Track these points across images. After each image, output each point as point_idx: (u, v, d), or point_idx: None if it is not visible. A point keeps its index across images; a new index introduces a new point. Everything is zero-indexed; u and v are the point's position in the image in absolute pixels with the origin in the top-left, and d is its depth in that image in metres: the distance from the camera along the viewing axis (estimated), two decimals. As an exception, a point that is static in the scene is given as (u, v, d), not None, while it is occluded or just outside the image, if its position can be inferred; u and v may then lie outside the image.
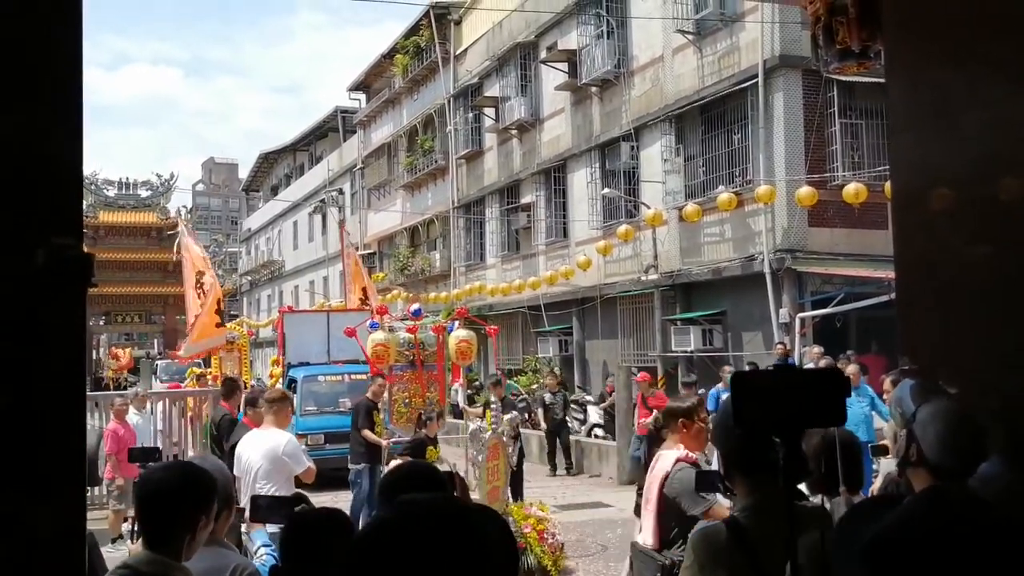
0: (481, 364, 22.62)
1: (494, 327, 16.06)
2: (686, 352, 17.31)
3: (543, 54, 23.02)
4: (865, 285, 14.35)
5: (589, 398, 19.35)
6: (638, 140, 19.48)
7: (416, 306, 12.56)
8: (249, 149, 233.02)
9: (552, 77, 22.51)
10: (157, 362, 34.87)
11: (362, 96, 38.14)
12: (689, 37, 17.82)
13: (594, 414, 18.14)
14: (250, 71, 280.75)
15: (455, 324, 11.92)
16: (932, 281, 2.87)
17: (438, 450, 8.78)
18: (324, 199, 38.89)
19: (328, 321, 17.02)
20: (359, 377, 14.10)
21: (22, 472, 1.36)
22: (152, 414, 12.93)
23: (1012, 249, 2.50)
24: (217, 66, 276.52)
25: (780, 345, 14.62)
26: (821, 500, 3.05)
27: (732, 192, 16.07)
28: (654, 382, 15.32)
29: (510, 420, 9.21)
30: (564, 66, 21.92)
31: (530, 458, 15.09)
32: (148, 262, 39.14)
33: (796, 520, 1.70)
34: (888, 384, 8.11)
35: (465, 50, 27.95)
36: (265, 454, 6.18)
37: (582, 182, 21.56)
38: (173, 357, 16.60)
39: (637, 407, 14.22)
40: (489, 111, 26.08)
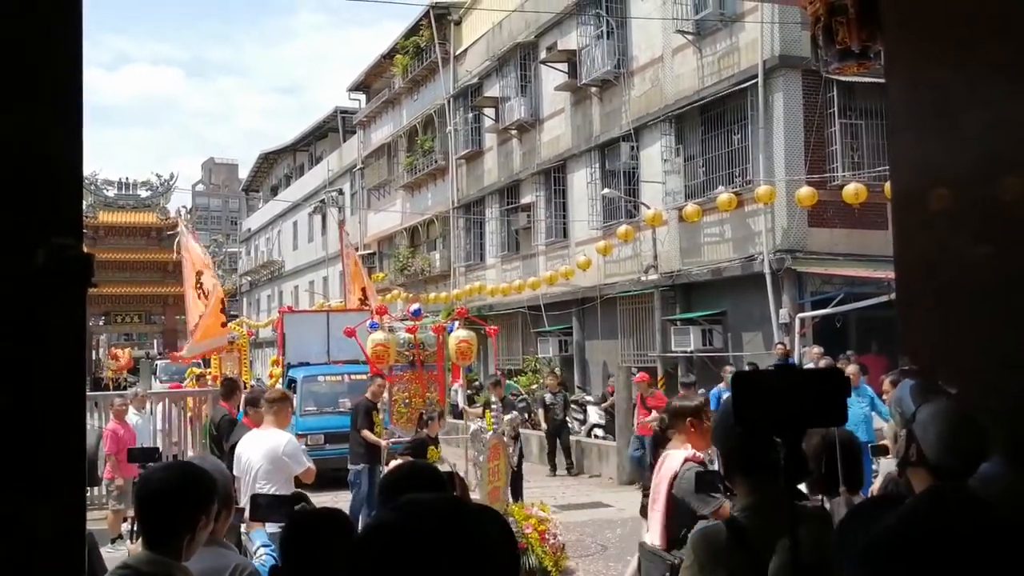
0: (481, 364, 22.61)
1: (494, 327, 16.07)
2: (686, 352, 17.31)
3: (543, 54, 23.02)
4: (865, 285, 14.36)
5: (589, 398, 19.34)
6: (638, 140, 19.48)
7: (416, 306, 12.57)
8: (249, 149, 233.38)
9: (552, 77, 22.51)
10: (157, 362, 34.87)
11: (362, 96, 38.15)
12: (689, 37, 17.82)
13: (594, 414, 18.14)
14: (250, 71, 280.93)
15: (455, 324, 11.92)
16: (932, 281, 2.87)
17: (439, 450, 8.78)
18: (324, 199, 38.89)
19: (328, 321, 17.02)
20: (359, 377, 14.10)
21: (22, 472, 1.36)
22: (152, 414, 12.94)
23: (1012, 249, 2.50)
24: (217, 66, 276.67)
25: (780, 345, 14.63)
26: (821, 500, 3.06)
27: (732, 192, 16.08)
28: (653, 382, 15.31)
29: (510, 420, 9.21)
30: (564, 66, 21.92)
31: (530, 458, 15.08)
32: (148, 262, 39.14)
33: (797, 520, 1.70)
34: (887, 384, 8.11)
35: (465, 50, 27.96)
36: (265, 454, 6.18)
37: (582, 182, 21.56)
38: (175, 359, 16.56)
39: (636, 407, 14.23)
40: (489, 111, 26.09)
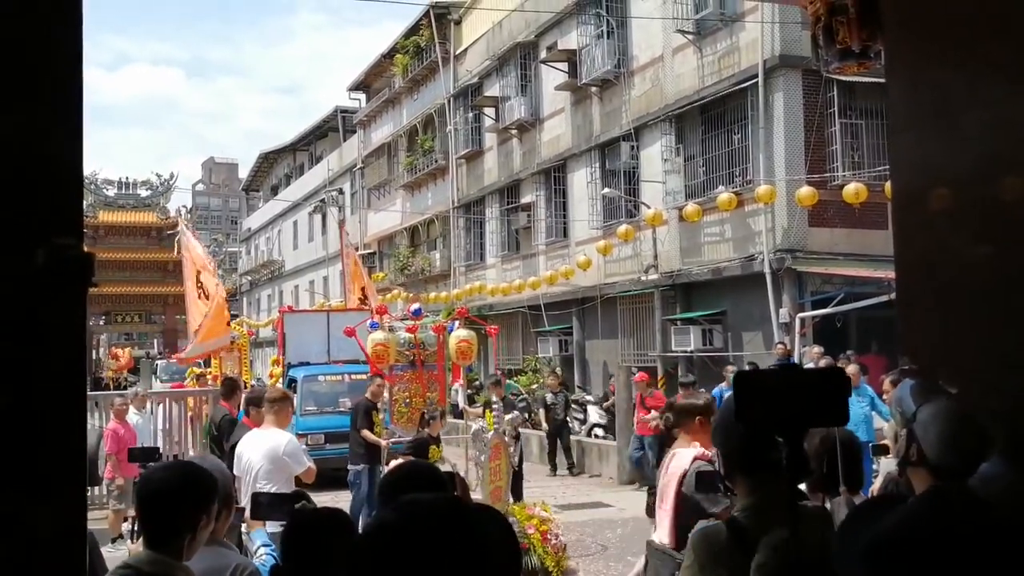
0: (481, 364, 22.63)
1: (494, 327, 16.07)
2: (686, 352, 17.31)
3: (543, 54, 23.02)
4: (865, 285, 14.35)
5: (589, 398, 19.34)
6: (638, 140, 19.48)
7: (416, 306, 12.57)
8: (249, 149, 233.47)
9: (552, 77, 22.50)
10: (157, 362, 34.89)
11: (362, 96, 38.15)
12: (689, 37, 17.81)
13: (594, 414, 18.14)
14: (250, 71, 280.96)
15: (455, 324, 11.92)
16: (932, 281, 2.87)
17: (441, 449, 8.78)
18: (324, 199, 38.89)
19: (328, 321, 17.03)
20: (359, 377, 14.11)
21: (23, 472, 1.36)
22: (152, 414, 12.94)
23: (1013, 249, 2.50)
24: (217, 66, 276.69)
25: (780, 345, 14.62)
26: (822, 500, 3.06)
27: (732, 192, 16.07)
28: (652, 382, 15.32)
29: (511, 420, 9.21)
30: (564, 66, 21.92)
31: (530, 458, 15.09)
32: (148, 262, 39.16)
33: (798, 520, 1.70)
34: (888, 384, 8.10)
35: (465, 50, 27.95)
36: (266, 454, 6.16)
37: (582, 182, 21.56)
38: (179, 361, 16.54)
39: (636, 407, 14.24)
40: (489, 111, 26.08)
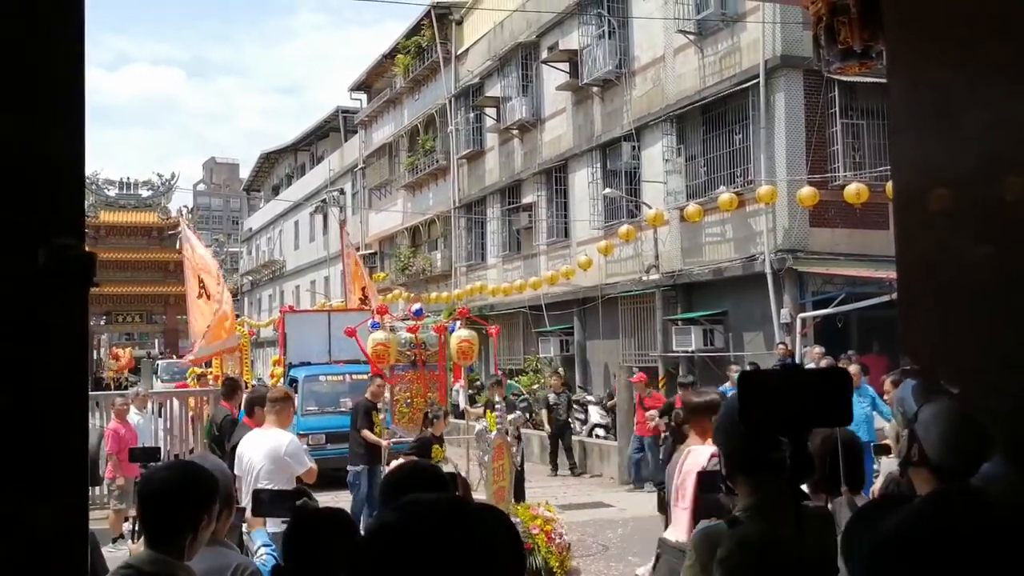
0: (482, 364, 22.60)
1: (495, 327, 16.06)
2: (687, 352, 17.30)
3: (544, 54, 23.02)
4: (866, 285, 14.35)
5: (590, 398, 19.33)
6: (639, 140, 19.47)
7: (418, 306, 12.55)
8: (250, 149, 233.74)
9: (553, 77, 22.50)
10: (158, 362, 34.90)
11: (363, 96, 38.17)
12: (690, 37, 17.81)
13: (595, 414, 18.13)
14: (251, 71, 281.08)
15: (456, 324, 11.91)
16: (933, 281, 2.86)
17: (444, 449, 8.77)
18: (325, 199, 38.91)
19: (329, 321, 17.02)
20: (360, 377, 14.10)
21: (25, 472, 1.36)
22: (153, 414, 12.94)
23: (1014, 249, 2.50)
24: (218, 66, 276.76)
25: (781, 345, 14.62)
26: (825, 501, 3.05)
27: (733, 192, 16.07)
28: (651, 382, 15.31)
29: (513, 420, 9.21)
30: (565, 66, 21.92)
31: (531, 458, 15.08)
32: (149, 262, 39.17)
33: (799, 520, 1.70)
34: (888, 384, 8.12)
35: (466, 50, 27.95)
36: (267, 454, 6.16)
37: (583, 182, 21.56)
38: (192, 362, 16.54)
39: (636, 408, 14.24)
40: (490, 111, 26.08)
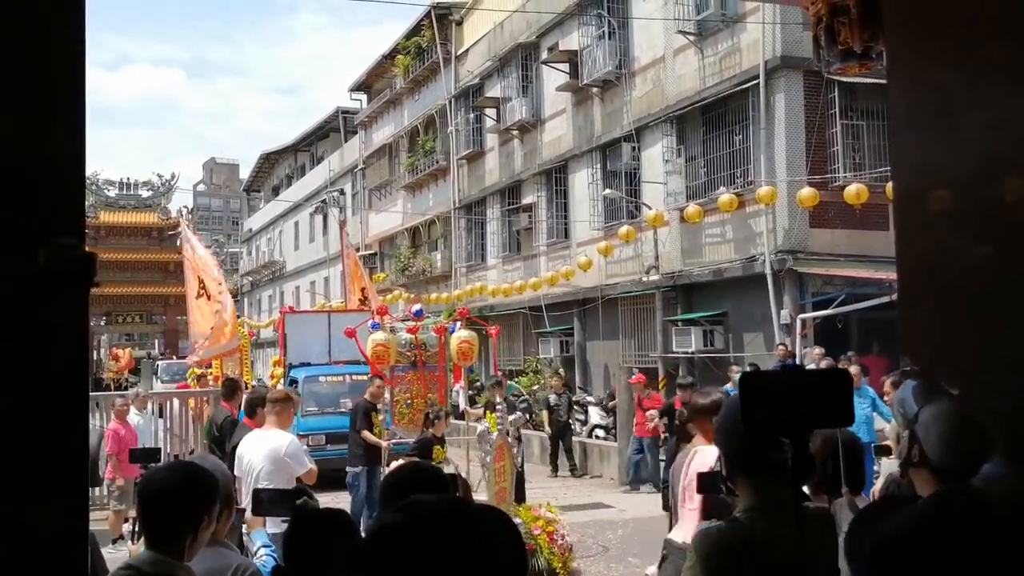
0: (482, 365, 22.61)
1: (495, 328, 16.05)
2: (687, 353, 17.30)
3: (544, 55, 23.03)
4: (866, 286, 14.36)
5: (590, 399, 19.34)
6: (639, 141, 19.48)
7: (418, 306, 12.54)
8: (250, 149, 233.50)
9: (553, 78, 22.51)
10: (158, 363, 34.90)
11: (363, 97, 38.18)
12: (690, 38, 17.82)
13: (595, 415, 18.13)
14: (251, 71, 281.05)
15: (457, 325, 11.90)
16: (934, 282, 2.86)
17: (445, 450, 8.77)
18: (325, 199, 38.91)
19: (329, 322, 17.02)
20: (360, 378, 14.09)
21: (25, 473, 1.36)
22: (153, 415, 12.93)
23: (1014, 250, 2.50)
24: (218, 66, 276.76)
25: (781, 346, 14.62)
26: (827, 502, 3.05)
27: (733, 193, 16.07)
28: (651, 383, 15.30)
29: (514, 421, 9.21)
30: (565, 67, 21.93)
31: (531, 459, 15.08)
32: (149, 262, 39.17)
33: (800, 521, 1.70)
34: (889, 385, 8.12)
35: (466, 51, 27.96)
36: (267, 455, 6.14)
37: (583, 183, 21.56)
38: (197, 364, 16.52)
39: (635, 409, 14.22)
40: (490, 112, 26.09)
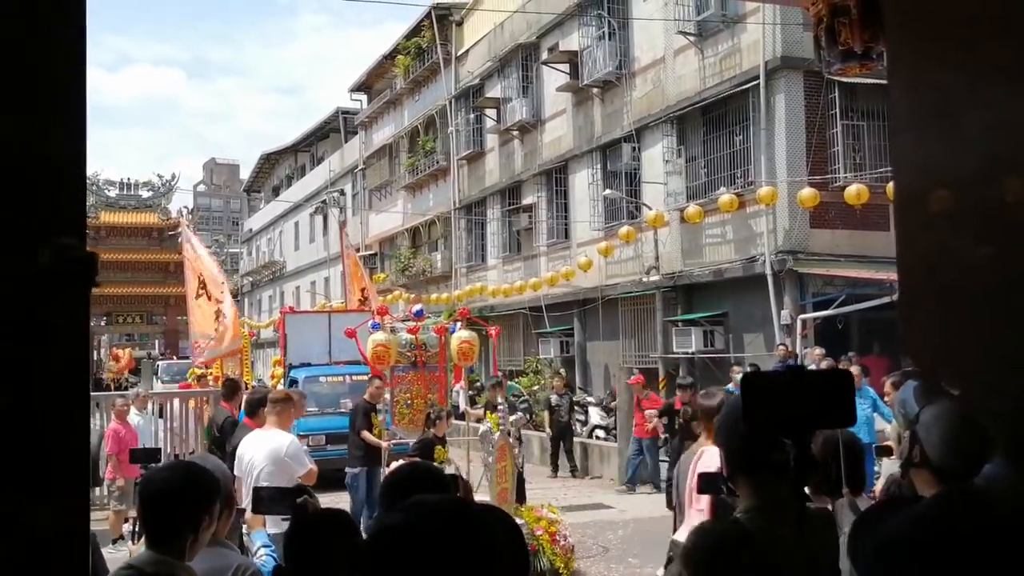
0: (482, 365, 22.62)
1: (495, 328, 16.05)
2: (687, 353, 17.30)
3: (544, 55, 23.03)
4: (867, 287, 14.35)
5: (590, 399, 19.33)
6: (639, 141, 19.48)
7: (418, 307, 12.53)
8: (250, 150, 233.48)
9: (553, 78, 22.51)
10: (158, 363, 34.90)
11: (363, 97, 38.19)
12: (691, 38, 17.82)
13: (595, 415, 18.12)
14: (251, 72, 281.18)
15: (457, 325, 11.89)
16: (934, 282, 2.86)
17: (447, 450, 8.76)
18: (325, 200, 38.92)
19: (329, 322, 17.02)
20: (360, 378, 14.08)
21: (25, 473, 1.36)
22: (154, 415, 12.92)
23: (1015, 251, 2.50)
24: (218, 67, 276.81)
25: (782, 347, 14.62)
26: (830, 503, 3.05)
27: (734, 193, 16.07)
28: (651, 384, 15.29)
29: (515, 421, 9.21)
30: (565, 67, 21.93)
31: (531, 460, 15.07)
32: (149, 263, 39.16)
33: (801, 521, 1.70)
34: (889, 386, 8.11)
35: (466, 51, 27.97)
36: (267, 455, 6.14)
37: (583, 183, 21.56)
38: (204, 364, 16.54)
39: (634, 409, 14.21)
40: (490, 112, 26.10)
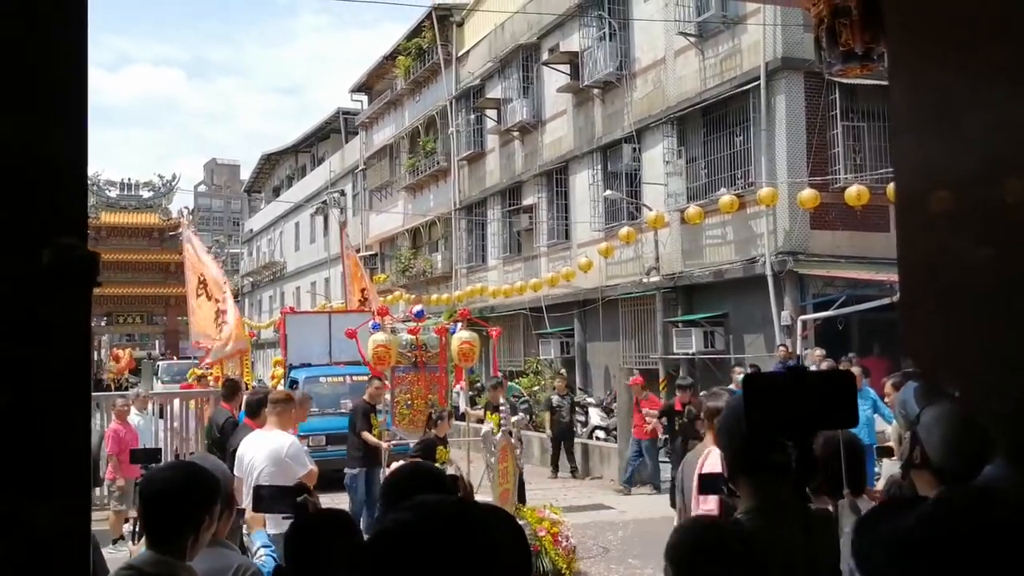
0: (482, 366, 22.63)
1: (496, 328, 16.05)
2: (688, 354, 17.30)
3: (545, 56, 23.04)
4: (867, 287, 14.36)
5: (590, 400, 19.32)
6: (640, 142, 19.48)
7: (419, 307, 12.52)
8: (250, 150, 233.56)
9: (554, 79, 22.52)
10: (159, 363, 34.90)
11: (364, 97, 38.20)
12: (691, 39, 17.82)
13: (595, 416, 18.11)
14: (251, 72, 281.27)
15: (458, 325, 11.89)
16: (935, 283, 2.86)
17: (448, 450, 8.76)
18: (326, 200, 38.93)
19: (330, 322, 17.02)
20: (361, 379, 14.06)
21: (27, 473, 1.36)
22: (154, 415, 12.91)
23: (1016, 251, 2.50)
24: (218, 67, 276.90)
25: (782, 347, 14.61)
26: (833, 504, 3.05)
27: (734, 194, 16.07)
28: (651, 385, 15.27)
29: (517, 422, 9.22)
30: (566, 68, 21.94)
31: (531, 460, 15.06)
32: (150, 263, 39.19)
33: (802, 522, 1.70)
34: (889, 387, 8.10)
35: (467, 52, 27.97)
36: (268, 455, 6.13)
37: (584, 184, 21.56)
38: (210, 366, 16.57)
39: (633, 411, 14.19)
40: (491, 113, 26.10)
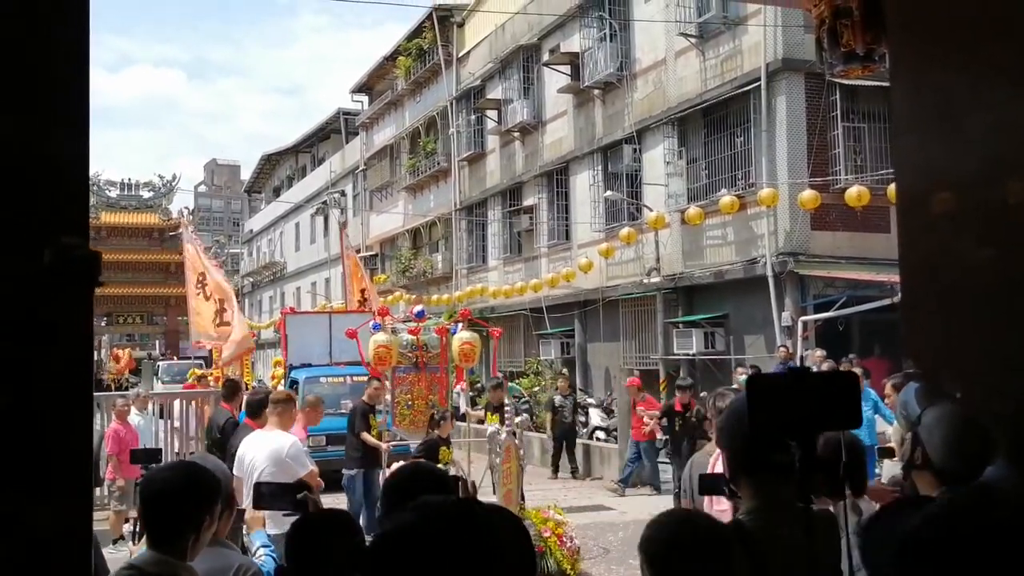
0: (482, 366, 22.64)
1: (497, 329, 16.05)
2: (688, 355, 17.30)
3: (546, 56, 23.04)
4: (867, 288, 14.36)
5: (591, 400, 19.32)
6: (640, 143, 19.48)
7: (420, 308, 12.52)
8: (251, 150, 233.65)
9: (555, 79, 22.52)
10: (159, 363, 34.91)
11: (364, 98, 38.20)
12: (692, 40, 17.82)
13: (596, 417, 18.11)
14: (251, 72, 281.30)
15: (458, 326, 11.88)
16: (936, 284, 2.86)
17: (451, 451, 8.75)
18: (326, 201, 38.93)
19: (330, 323, 17.02)
20: (361, 379, 14.06)
21: (28, 473, 1.36)
22: (154, 415, 12.91)
23: (1017, 252, 2.50)
24: (219, 67, 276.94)
25: (783, 348, 14.61)
26: (838, 505, 3.05)
27: (734, 195, 16.07)
28: (650, 386, 15.26)
29: (520, 423, 9.22)
30: (567, 68, 21.94)
31: (531, 461, 15.04)
32: (150, 263, 39.22)
33: (803, 522, 1.70)
34: (890, 388, 8.10)
35: (468, 52, 27.98)
36: (268, 456, 6.13)
37: (584, 184, 21.56)
38: (224, 366, 16.59)
39: (631, 412, 14.18)
40: (491, 113, 26.11)
